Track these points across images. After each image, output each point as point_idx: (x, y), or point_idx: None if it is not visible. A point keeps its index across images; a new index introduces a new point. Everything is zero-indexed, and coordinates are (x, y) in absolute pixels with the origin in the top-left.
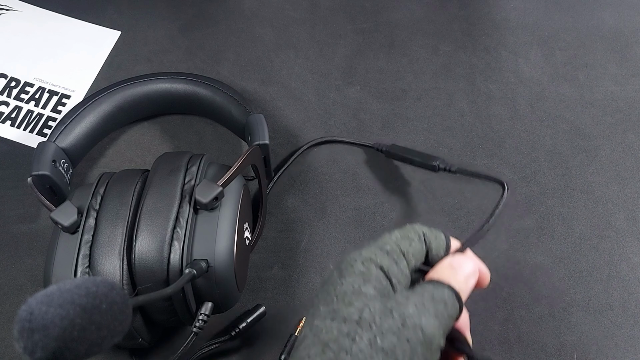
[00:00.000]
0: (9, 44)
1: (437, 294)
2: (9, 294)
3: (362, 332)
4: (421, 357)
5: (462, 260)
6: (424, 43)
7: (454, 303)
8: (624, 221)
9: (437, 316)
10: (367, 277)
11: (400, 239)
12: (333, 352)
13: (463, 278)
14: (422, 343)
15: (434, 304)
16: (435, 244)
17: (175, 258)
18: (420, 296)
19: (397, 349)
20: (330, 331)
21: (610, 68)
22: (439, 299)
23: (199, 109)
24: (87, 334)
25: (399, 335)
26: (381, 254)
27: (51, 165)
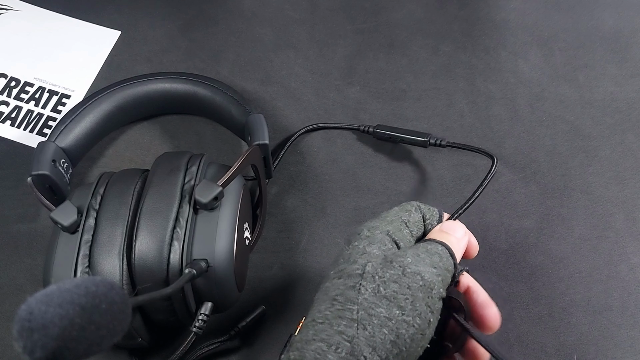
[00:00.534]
0: (9, 43)
1: (431, 248)
2: (8, 294)
3: (366, 283)
4: (422, 302)
5: (452, 224)
6: (423, 43)
7: (447, 257)
8: (623, 222)
9: (433, 266)
10: (372, 240)
11: (399, 211)
12: (340, 304)
13: (454, 239)
14: (422, 288)
15: (429, 255)
16: (429, 215)
17: (175, 258)
18: (416, 249)
19: (399, 295)
20: (337, 287)
21: (610, 69)
22: (433, 251)
23: (198, 109)
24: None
25: (400, 282)
26: (385, 222)
27: (51, 165)
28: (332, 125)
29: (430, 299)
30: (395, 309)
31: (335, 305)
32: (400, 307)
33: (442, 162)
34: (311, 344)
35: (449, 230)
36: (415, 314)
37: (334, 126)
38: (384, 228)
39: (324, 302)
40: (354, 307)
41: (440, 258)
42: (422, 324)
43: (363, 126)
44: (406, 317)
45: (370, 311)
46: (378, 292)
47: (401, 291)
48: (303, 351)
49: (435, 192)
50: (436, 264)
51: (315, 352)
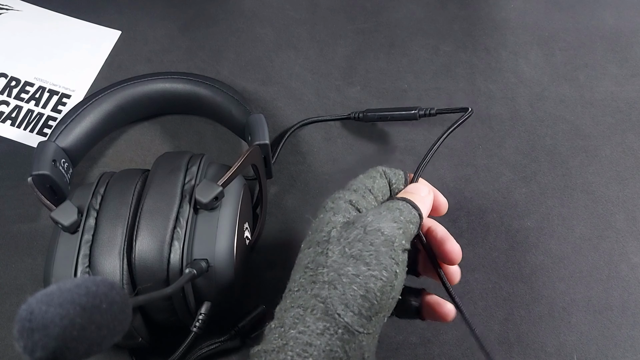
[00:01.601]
0: (9, 43)
1: (392, 205)
2: (9, 294)
3: (332, 247)
4: (386, 255)
5: (415, 185)
6: (424, 43)
7: (409, 210)
8: (623, 221)
9: (394, 220)
10: (336, 210)
11: (364, 178)
12: (312, 270)
13: (419, 197)
14: (384, 243)
15: (390, 211)
16: (395, 179)
17: (175, 258)
18: (378, 208)
19: (363, 252)
20: (308, 255)
21: (611, 68)
22: (394, 207)
23: (199, 108)
24: (87, 334)
25: (363, 241)
26: (348, 192)
27: (51, 164)
28: (325, 118)
29: (393, 252)
30: (361, 266)
31: (307, 272)
32: (366, 263)
33: (442, 161)
34: (289, 311)
35: (413, 190)
36: (381, 267)
37: (326, 119)
38: (347, 198)
39: (297, 271)
40: (324, 271)
41: (401, 212)
42: (389, 276)
43: (354, 113)
44: (372, 271)
45: (339, 271)
46: (344, 253)
47: (365, 248)
48: (282, 319)
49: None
50: (397, 218)
51: (294, 318)
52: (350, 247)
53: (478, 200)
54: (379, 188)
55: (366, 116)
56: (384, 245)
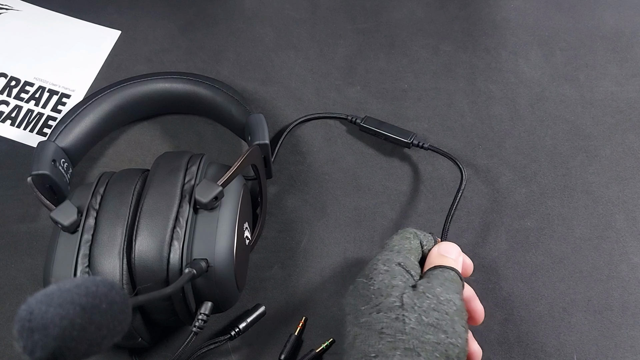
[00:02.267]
0: (9, 43)
1: (448, 275)
2: (8, 294)
3: (408, 314)
4: (459, 324)
5: (448, 247)
6: (424, 43)
7: (459, 280)
8: (624, 221)
9: (457, 292)
10: (392, 273)
11: (400, 239)
12: (390, 336)
13: (453, 260)
14: (456, 312)
15: (452, 283)
16: (425, 241)
17: (175, 258)
18: (438, 279)
19: (440, 321)
20: (381, 320)
21: (611, 68)
22: (451, 278)
23: (199, 108)
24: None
25: (438, 310)
26: (393, 254)
27: (51, 164)
28: (322, 115)
29: (463, 320)
30: (441, 334)
31: (384, 337)
32: (444, 331)
33: (442, 161)
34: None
35: (446, 253)
36: (456, 335)
37: (323, 116)
38: (396, 260)
39: (371, 336)
40: (404, 337)
41: (458, 284)
42: (462, 342)
43: (352, 117)
44: (451, 339)
45: (421, 339)
46: (421, 321)
47: (442, 317)
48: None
49: (436, 191)
50: (458, 290)
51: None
52: (426, 315)
53: (478, 200)
54: (415, 248)
55: (362, 126)
56: (457, 314)
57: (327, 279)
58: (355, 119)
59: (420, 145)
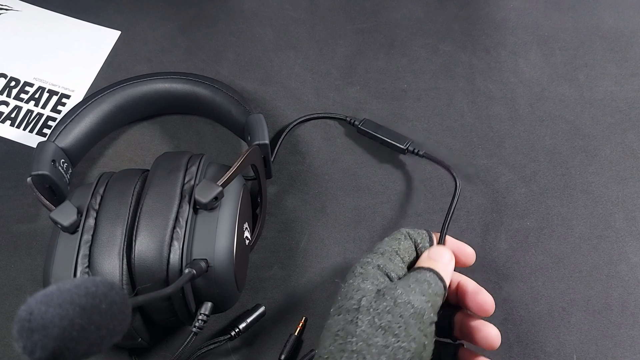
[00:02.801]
0: (9, 43)
1: (420, 276)
2: (8, 294)
3: (362, 316)
4: (415, 328)
5: (439, 251)
6: (423, 43)
7: (436, 282)
8: (623, 221)
9: (423, 293)
10: (365, 276)
11: (390, 240)
12: (342, 338)
13: (442, 265)
14: (413, 315)
15: (419, 284)
16: (420, 239)
17: (175, 258)
18: (407, 280)
19: (393, 324)
20: (338, 322)
21: (610, 68)
22: (422, 279)
23: (198, 108)
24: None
25: (393, 312)
26: (376, 256)
27: (51, 165)
28: (323, 115)
29: (422, 324)
30: (390, 337)
31: (337, 340)
32: (395, 334)
33: None
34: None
35: (436, 257)
36: (410, 339)
37: (324, 116)
38: (375, 262)
39: (327, 338)
40: (353, 340)
41: (429, 285)
42: (418, 347)
43: (351, 118)
44: (402, 343)
45: (368, 341)
46: (373, 323)
47: (395, 320)
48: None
49: (435, 191)
50: (425, 291)
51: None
52: (379, 318)
53: (477, 200)
54: (405, 249)
55: (359, 129)
56: (413, 317)
57: (327, 279)
58: (354, 120)
59: (415, 152)
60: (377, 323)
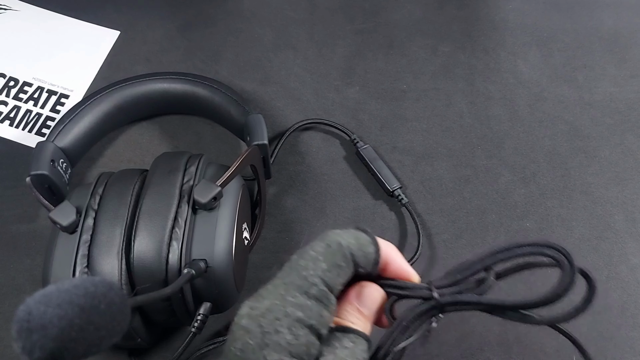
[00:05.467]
0: (8, 43)
1: (357, 351)
2: (7, 294)
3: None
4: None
5: (366, 296)
6: (423, 44)
7: (362, 346)
8: (623, 222)
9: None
10: (273, 338)
11: (327, 269)
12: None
13: (364, 319)
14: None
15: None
16: (363, 261)
17: (174, 258)
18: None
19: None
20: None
21: (609, 69)
22: (348, 347)
23: (197, 109)
24: (85, 334)
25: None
26: (302, 300)
27: (50, 165)
28: (328, 123)
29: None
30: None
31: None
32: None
33: (441, 162)
34: None
35: (362, 306)
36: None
37: (329, 123)
38: (294, 314)
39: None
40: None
41: (354, 354)
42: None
43: (355, 138)
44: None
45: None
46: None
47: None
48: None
49: (435, 192)
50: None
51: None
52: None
53: (477, 201)
54: (343, 282)
55: (358, 152)
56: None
57: None
58: (357, 141)
59: (398, 199)
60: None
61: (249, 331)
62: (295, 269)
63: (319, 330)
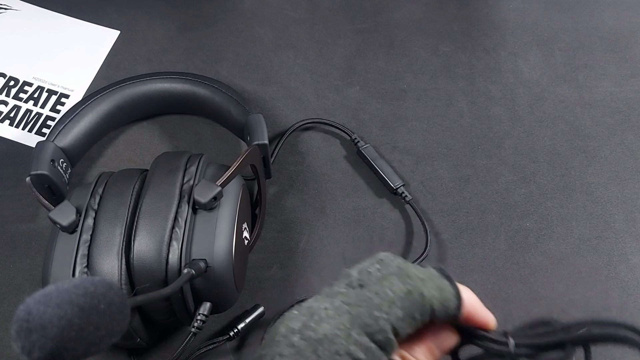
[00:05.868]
0: (8, 43)
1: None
2: (7, 294)
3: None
4: None
5: (445, 337)
6: (423, 43)
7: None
8: (623, 222)
9: None
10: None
11: (401, 319)
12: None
13: (440, 356)
14: None
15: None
16: (443, 315)
17: (174, 258)
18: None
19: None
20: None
21: (610, 69)
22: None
23: (198, 108)
24: (85, 334)
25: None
26: (366, 341)
27: (50, 164)
28: (328, 122)
29: None
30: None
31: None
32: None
33: (441, 162)
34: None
35: (437, 349)
36: None
37: (329, 123)
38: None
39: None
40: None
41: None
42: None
43: (356, 138)
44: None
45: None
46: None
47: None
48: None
49: (435, 192)
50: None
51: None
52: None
53: (477, 201)
54: (410, 332)
55: (359, 151)
56: None
57: (326, 279)
58: (357, 141)
59: (402, 197)
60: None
61: (301, 354)
62: (366, 303)
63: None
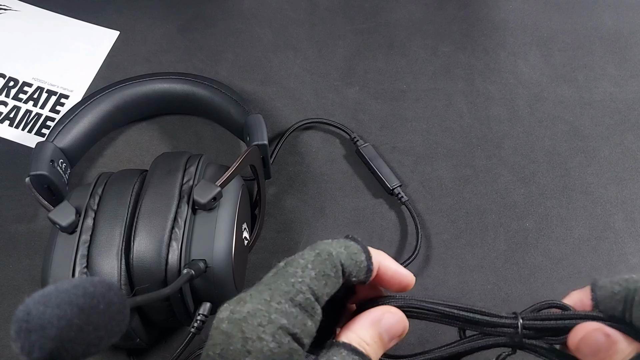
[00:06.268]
0: (8, 43)
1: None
2: (6, 294)
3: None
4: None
5: (388, 320)
6: (423, 44)
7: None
8: (622, 222)
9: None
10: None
11: (315, 278)
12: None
13: (390, 343)
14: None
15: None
16: (355, 270)
17: (174, 258)
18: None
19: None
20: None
21: (609, 69)
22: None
23: (197, 109)
24: (84, 335)
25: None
26: (287, 307)
27: (49, 165)
28: (328, 122)
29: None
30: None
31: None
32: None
33: (440, 162)
34: None
35: (386, 333)
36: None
37: (329, 123)
38: (278, 321)
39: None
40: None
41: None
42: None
43: (355, 137)
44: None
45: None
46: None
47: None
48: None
49: (435, 192)
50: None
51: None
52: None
53: (477, 201)
54: (329, 292)
55: (358, 150)
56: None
57: None
58: (356, 140)
59: (398, 197)
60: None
61: (230, 336)
62: (283, 275)
63: (302, 339)
